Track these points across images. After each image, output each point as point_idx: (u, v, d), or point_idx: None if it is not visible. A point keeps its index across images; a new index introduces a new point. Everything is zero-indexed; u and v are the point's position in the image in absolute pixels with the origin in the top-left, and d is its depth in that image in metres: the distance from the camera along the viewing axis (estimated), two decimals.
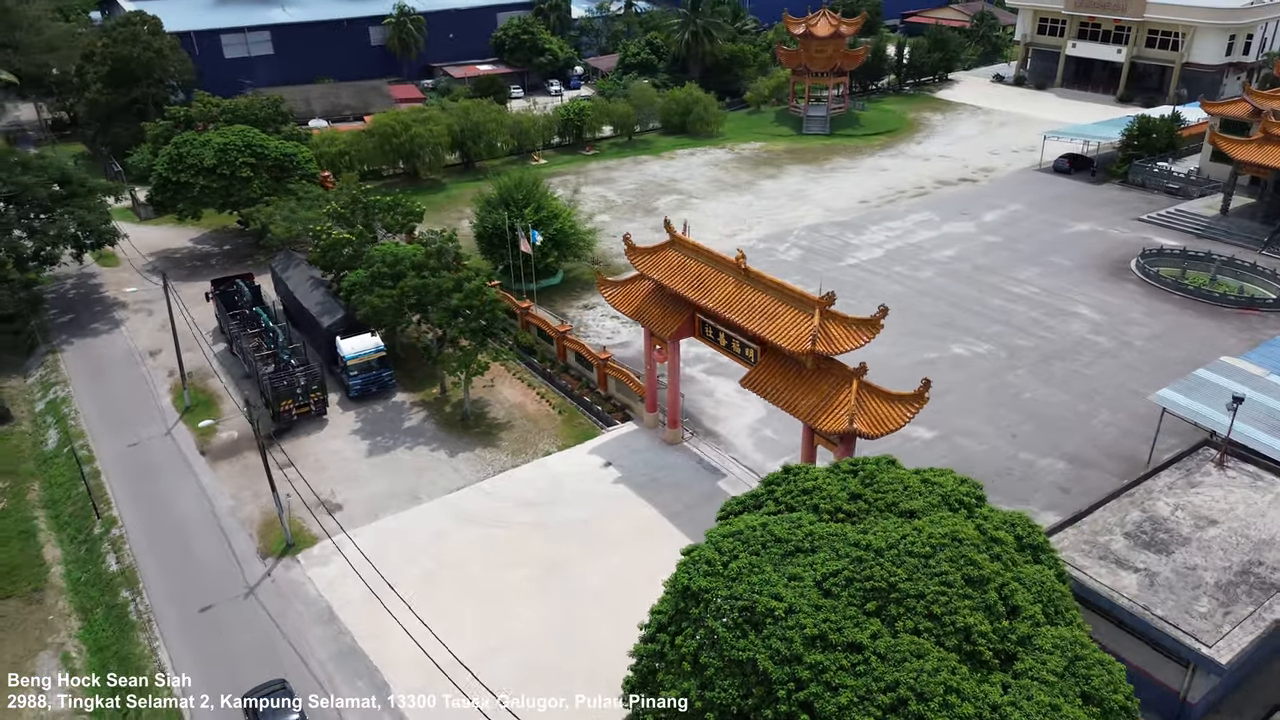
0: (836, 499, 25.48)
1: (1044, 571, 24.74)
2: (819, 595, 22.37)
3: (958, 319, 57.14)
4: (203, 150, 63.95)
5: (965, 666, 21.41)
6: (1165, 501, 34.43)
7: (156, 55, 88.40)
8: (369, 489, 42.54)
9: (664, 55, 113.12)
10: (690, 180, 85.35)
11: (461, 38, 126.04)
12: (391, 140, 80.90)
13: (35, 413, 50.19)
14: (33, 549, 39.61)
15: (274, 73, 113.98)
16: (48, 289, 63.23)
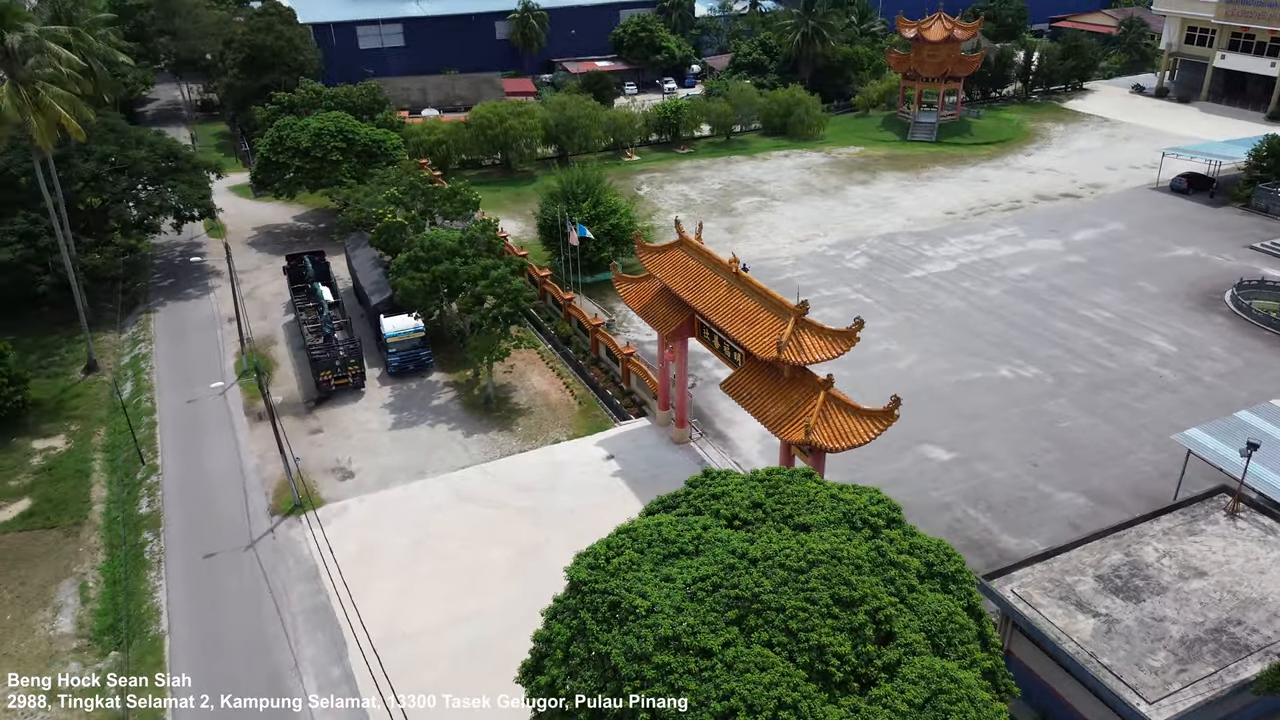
0: (737, 506, 25.40)
1: (946, 601, 23.94)
2: (684, 598, 22.49)
3: (1014, 339, 54.60)
4: (300, 134, 68.51)
5: (813, 685, 21.11)
6: (1155, 547, 32.22)
7: (287, 44, 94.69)
8: (383, 460, 44.85)
9: (776, 55, 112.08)
10: (777, 182, 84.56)
11: (583, 34, 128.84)
12: (487, 132, 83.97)
13: (119, 366, 55.30)
14: (83, 487, 43.92)
15: (403, 63, 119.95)
16: (157, 255, 69.24)
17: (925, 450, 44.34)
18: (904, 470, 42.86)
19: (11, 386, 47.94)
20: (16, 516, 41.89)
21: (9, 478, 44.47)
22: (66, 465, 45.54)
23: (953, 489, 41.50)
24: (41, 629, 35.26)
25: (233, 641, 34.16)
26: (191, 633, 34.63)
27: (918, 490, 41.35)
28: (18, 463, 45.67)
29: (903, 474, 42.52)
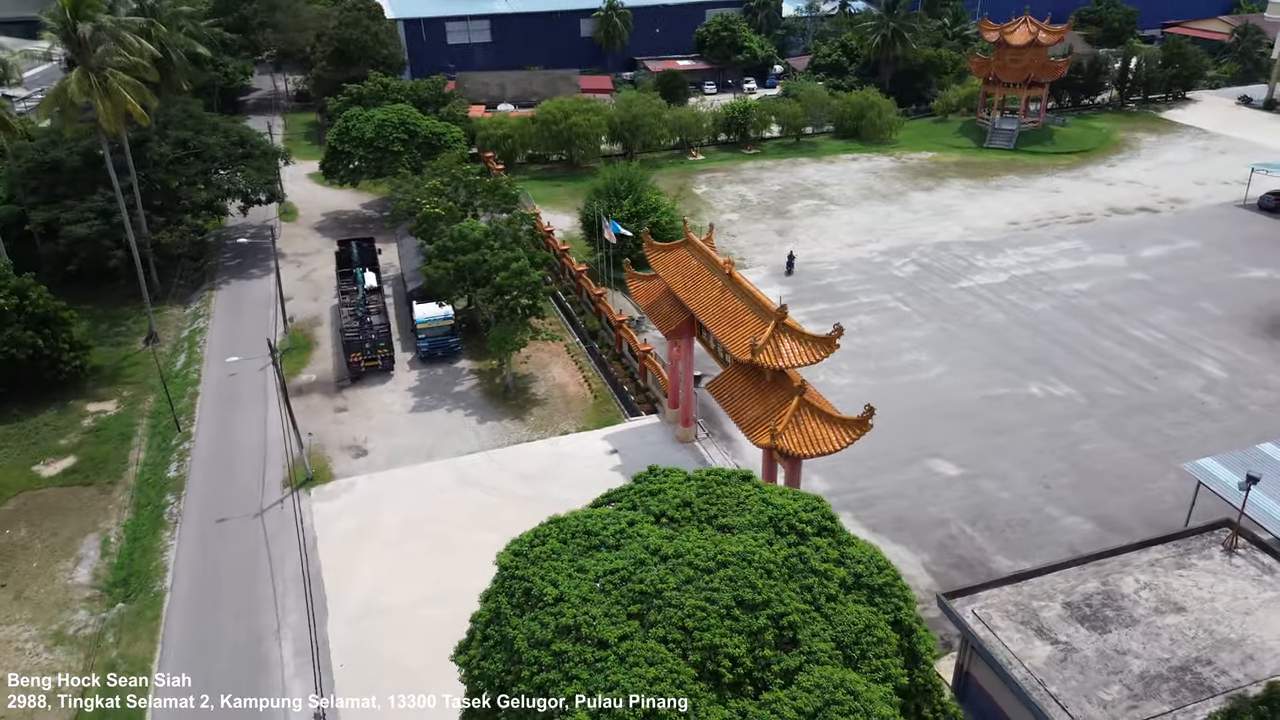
0: (668, 504, 25.61)
1: (866, 613, 23.62)
2: (591, 589, 22.88)
3: (1052, 357, 52.67)
4: (364, 125, 71.26)
5: (702, 684, 21.23)
6: (1136, 577, 30.87)
7: (373, 38, 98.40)
8: (398, 440, 46.50)
9: (856, 57, 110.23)
10: (839, 186, 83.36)
11: (668, 32, 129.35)
12: (551, 127, 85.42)
13: (178, 338, 58.77)
14: (124, 450, 46.98)
15: (489, 59, 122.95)
16: (229, 235, 73.06)
17: (933, 464, 43.34)
18: (906, 482, 42.02)
19: (72, 352, 51.57)
20: (60, 472, 45.18)
21: (60, 436, 47.94)
22: (113, 428, 48.79)
23: (953, 505, 40.47)
24: (61, 577, 38.03)
25: (226, 602, 36.13)
26: (190, 591, 36.79)
27: (915, 504, 40.53)
28: (70, 423, 49.15)
29: (904, 486, 41.70)
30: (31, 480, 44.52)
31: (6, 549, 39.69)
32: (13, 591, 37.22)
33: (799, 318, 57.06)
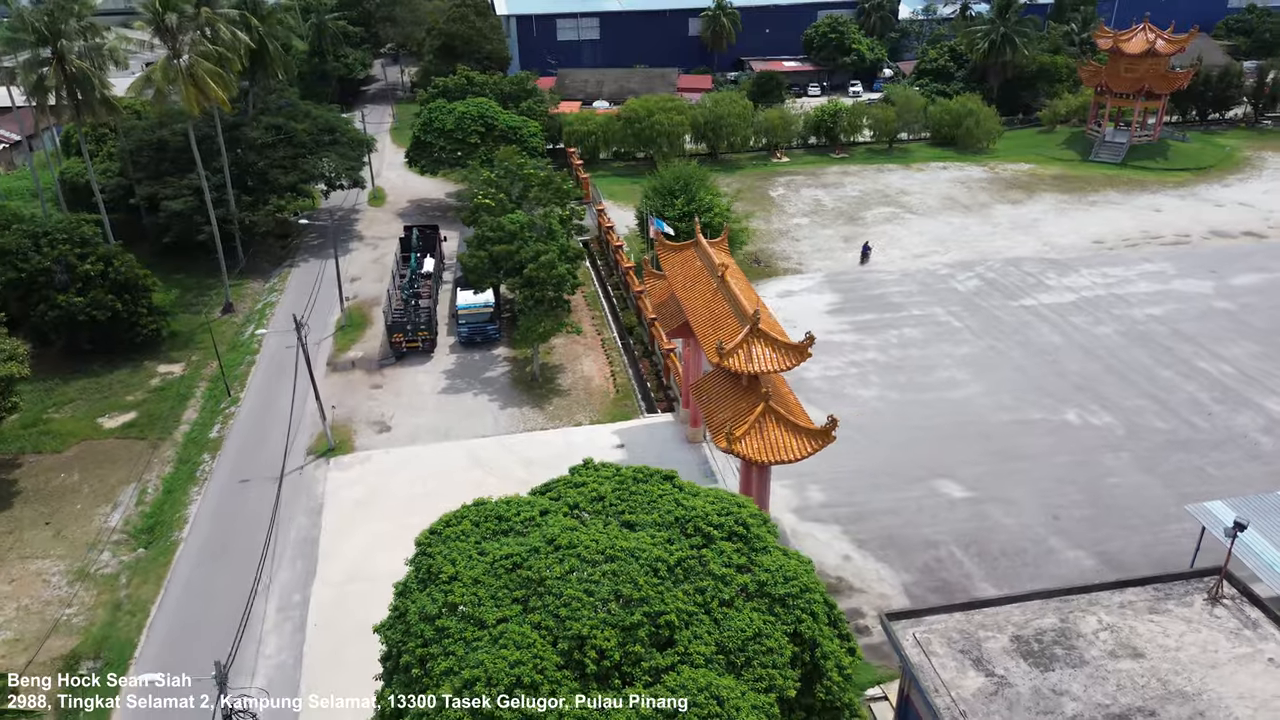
0: (583, 497, 26.18)
1: (760, 621, 23.53)
2: (485, 571, 23.71)
3: (1100, 384, 49.98)
4: (446, 117, 74.13)
5: (566, 672, 21.72)
6: (1100, 618, 29.28)
7: (477, 33, 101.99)
8: (421, 419, 48.52)
9: (964, 63, 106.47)
10: (921, 195, 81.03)
11: (777, 33, 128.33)
12: (634, 125, 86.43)
13: (252, 310, 62.89)
14: (180, 409, 50.81)
15: (597, 56, 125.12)
16: (317, 217, 77.38)
17: (940, 484, 42.02)
18: (906, 500, 40.92)
19: (150, 316, 56.04)
20: (120, 425, 49.30)
21: (128, 393, 52.26)
22: (174, 389, 52.82)
23: (950, 528, 39.16)
24: (98, 520, 41.66)
25: (229, 556, 38.74)
26: (202, 543, 39.64)
27: (910, 523, 39.45)
28: (140, 382, 53.48)
29: (903, 504, 40.63)
30: (94, 430, 48.77)
31: (58, 490, 43.74)
32: (54, 529, 41.04)
33: (842, 326, 56.38)
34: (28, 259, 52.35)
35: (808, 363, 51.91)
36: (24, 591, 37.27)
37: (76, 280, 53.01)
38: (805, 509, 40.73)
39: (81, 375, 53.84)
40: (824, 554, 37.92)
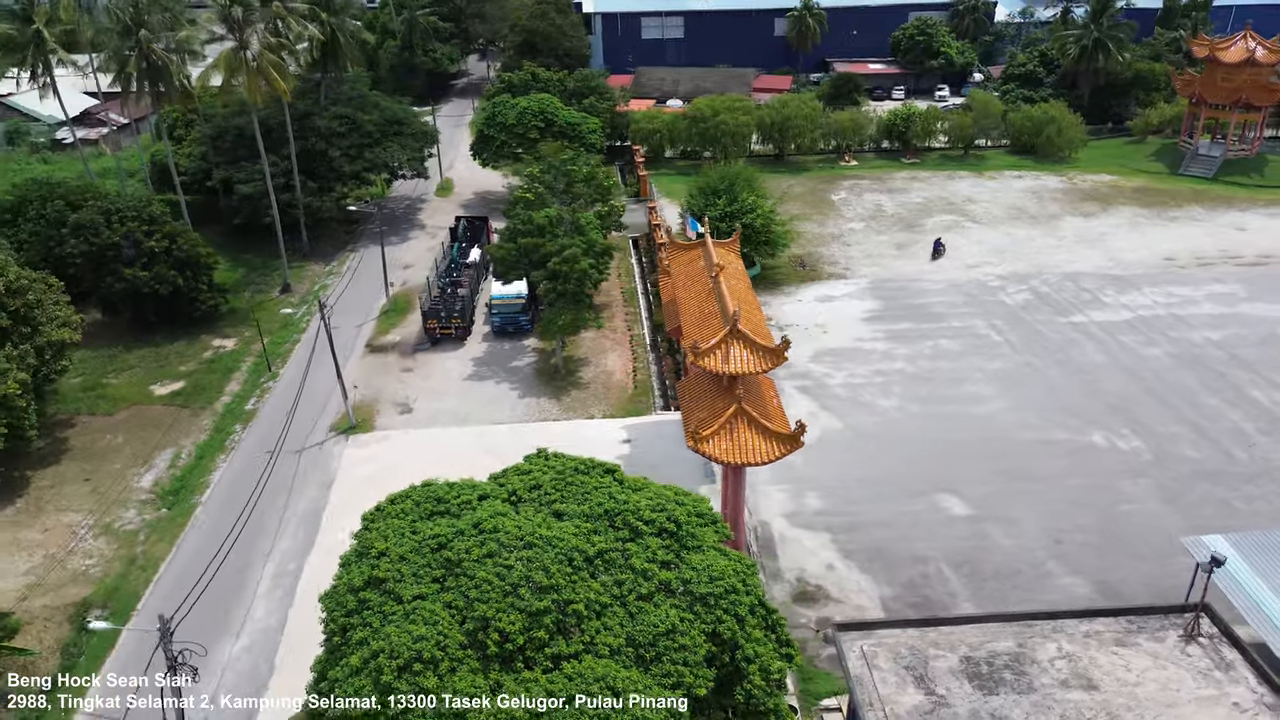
0: (521, 486, 26.79)
1: (677, 619, 23.66)
2: (412, 550, 24.59)
3: (1137, 407, 47.75)
4: (508, 111, 75.83)
5: (470, 652, 22.38)
6: (1061, 646, 28.27)
7: (556, 30, 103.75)
8: (442, 403, 50.03)
9: (1055, 68, 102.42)
10: (987, 204, 78.59)
11: (864, 34, 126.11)
12: (699, 124, 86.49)
13: (308, 291, 65.79)
14: (224, 381, 53.68)
15: (681, 55, 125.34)
16: (385, 205, 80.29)
17: (942, 499, 40.99)
18: (903, 514, 40.07)
19: (209, 292, 59.31)
20: (169, 393, 52.44)
21: (182, 363, 55.51)
22: (224, 362, 55.82)
23: (944, 545, 38.18)
24: (131, 480, 44.54)
25: (240, 522, 40.82)
26: (217, 509, 41.93)
27: (903, 537, 38.64)
28: (194, 354, 56.71)
29: (899, 518, 39.81)
30: (144, 396, 52.02)
31: (102, 450, 46.91)
32: (92, 485, 44.07)
33: (875, 334, 55.52)
34: (99, 233, 56.02)
35: (830, 369, 51.84)
36: (53, 541, 40.22)
37: (142, 255, 56.45)
38: (798, 514, 40.36)
39: (143, 345, 57.41)
40: (807, 562, 37.55)
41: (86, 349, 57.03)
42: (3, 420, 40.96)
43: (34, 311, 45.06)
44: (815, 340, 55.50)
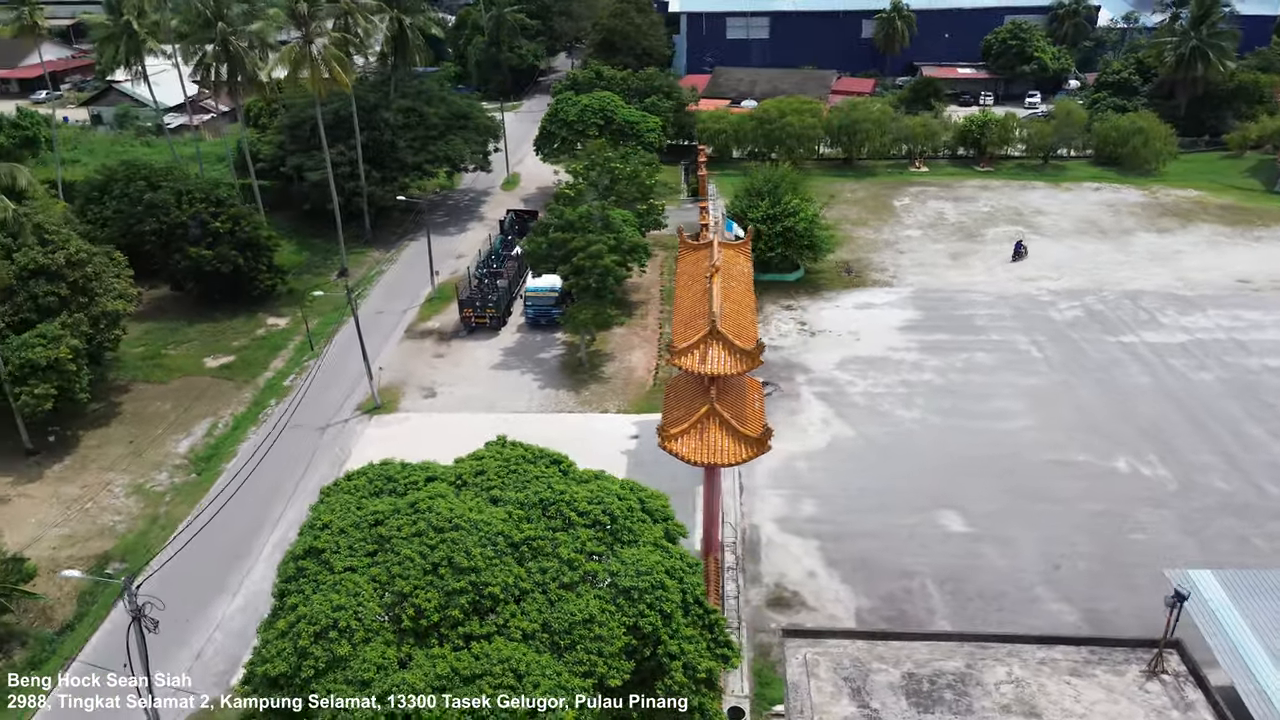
0: (467, 471, 27.63)
1: (597, 608, 24.08)
2: (352, 524, 25.71)
3: (1172, 434, 45.50)
4: (570, 109, 77.10)
5: (384, 624, 23.35)
6: (1013, 671, 27.52)
7: (635, 30, 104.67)
8: (465, 390, 51.50)
9: (1151, 76, 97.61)
10: (1057, 216, 75.69)
11: (956, 38, 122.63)
12: (765, 126, 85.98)
13: (363, 276, 68.46)
14: (270, 358, 56.46)
15: (765, 56, 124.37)
16: (449, 196, 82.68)
17: (942, 515, 40.03)
18: (897, 527, 39.31)
19: (268, 273, 62.43)
20: (219, 366, 55.53)
21: (234, 339, 58.65)
22: (273, 339, 58.72)
23: (933, 561, 37.30)
24: (170, 446, 47.46)
25: (256, 492, 43.04)
26: (237, 480, 44.20)
27: (892, 550, 37.93)
28: (248, 330, 59.83)
29: (892, 530, 39.09)
30: (197, 368, 55.23)
31: (150, 416, 50.10)
32: (135, 448, 47.15)
33: (908, 344, 54.56)
34: (169, 213, 59.68)
35: (854, 377, 51.19)
36: (90, 496, 43.27)
37: (207, 235, 59.84)
38: (789, 520, 40.08)
39: (204, 320, 60.86)
40: (790, 568, 37.30)
41: (152, 321, 61.04)
42: (54, 382, 44.34)
43: (92, 283, 48.40)
44: (845, 347, 54.76)
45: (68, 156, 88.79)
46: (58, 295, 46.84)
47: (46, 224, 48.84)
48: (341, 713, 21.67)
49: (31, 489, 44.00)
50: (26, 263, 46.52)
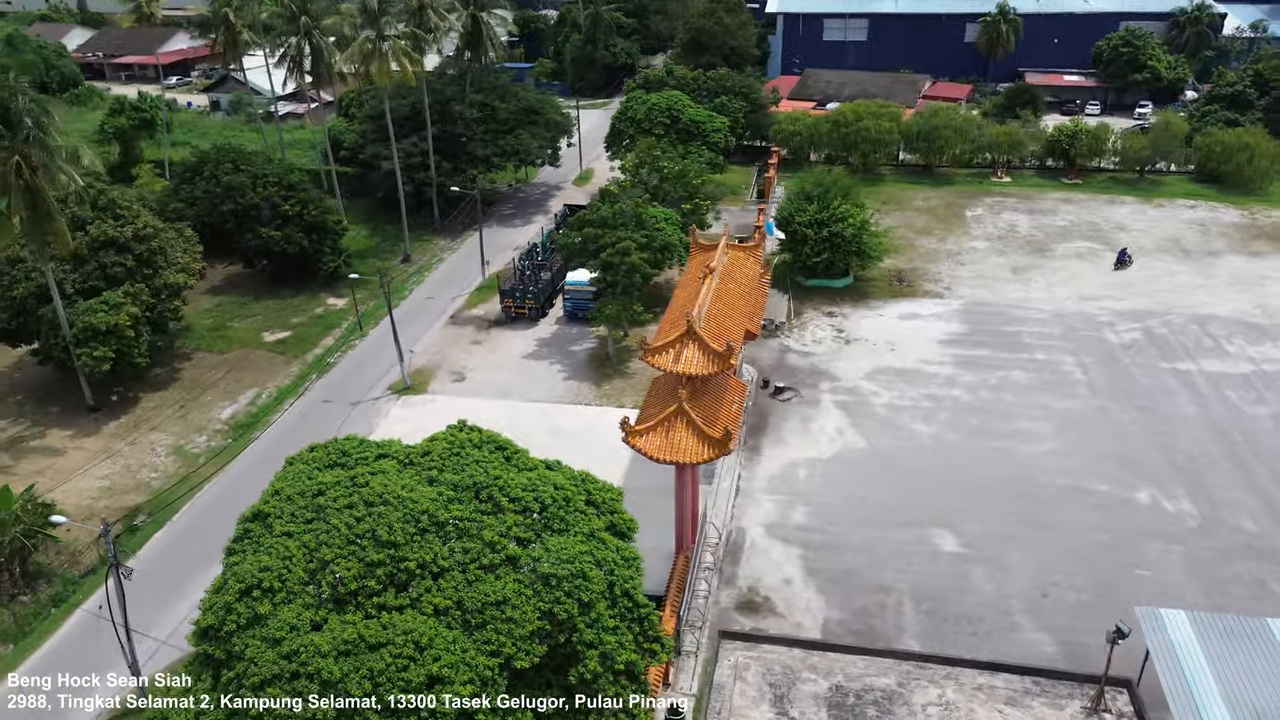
0: (418, 451, 28.76)
1: (512, 589, 24.81)
2: (297, 493, 27.24)
3: (1208, 469, 42.92)
4: (638, 108, 77.92)
5: (306, 587, 24.70)
6: (943, 693, 26.89)
7: (723, 30, 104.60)
8: (493, 376, 53.05)
9: (1270, 90, 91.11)
10: (1138, 233, 71.88)
11: (1065, 44, 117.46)
12: (841, 129, 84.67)
13: (426, 263, 71.07)
14: (322, 335, 59.43)
15: (862, 59, 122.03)
16: (520, 190, 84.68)
17: (936, 534, 39.00)
18: (887, 542, 38.54)
19: (331, 255, 65.66)
20: (275, 340, 58.86)
21: (294, 316, 61.99)
22: (329, 319, 61.78)
23: (915, 580, 36.42)
24: (215, 412, 50.71)
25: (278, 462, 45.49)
26: (267, 446, 46.95)
27: (875, 565, 37.23)
28: (308, 308, 63.13)
29: (880, 545, 38.35)
30: (256, 341, 58.69)
31: (204, 383, 53.61)
32: (184, 412, 50.63)
33: (945, 358, 53.42)
34: (244, 195, 63.55)
35: (880, 388, 50.39)
36: (134, 453, 46.76)
37: (277, 218, 63.46)
38: (778, 526, 39.82)
39: (271, 297, 64.54)
40: (768, 573, 37.08)
41: (225, 295, 65.17)
42: (113, 346, 48.04)
43: (156, 256, 52.14)
44: (878, 357, 53.73)
45: (182, 139, 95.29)
46: (124, 266, 50.67)
47: (119, 200, 52.82)
48: (252, 665, 23.13)
49: (87, 442, 47.82)
50: (98, 234, 50.51)
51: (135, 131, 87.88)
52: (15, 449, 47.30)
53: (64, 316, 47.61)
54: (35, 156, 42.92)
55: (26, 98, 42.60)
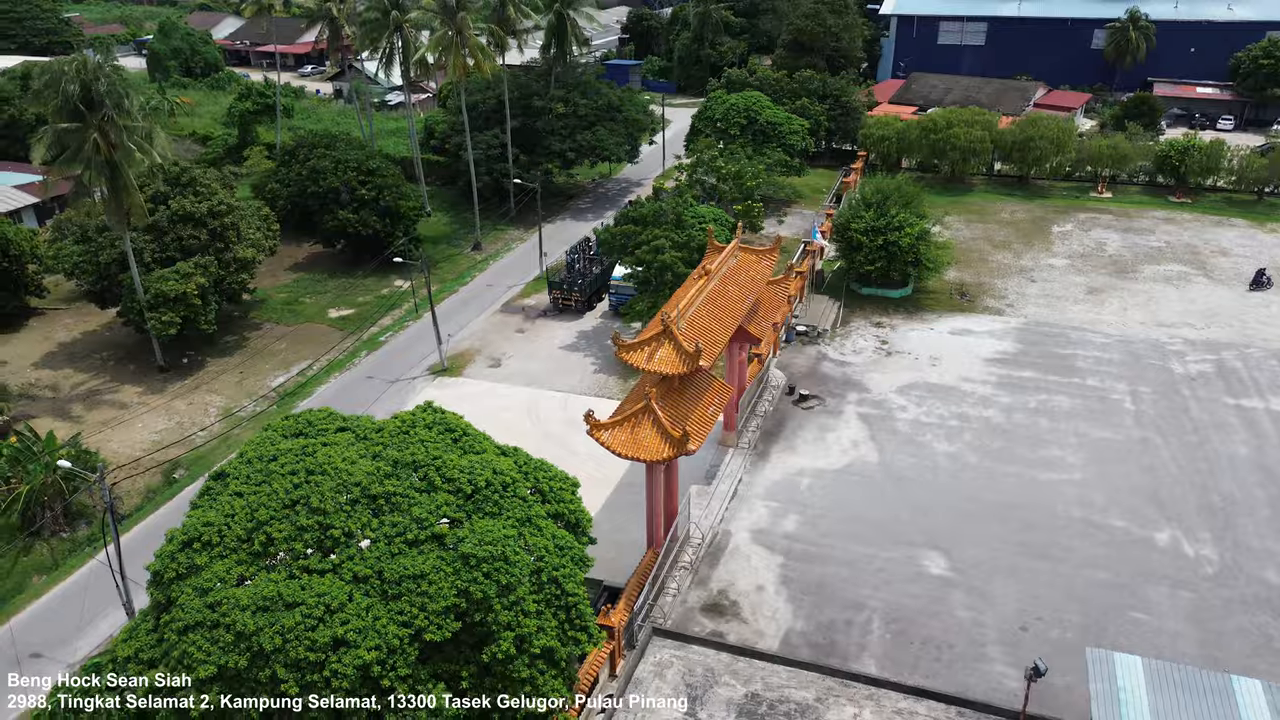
0: (373, 427, 30.18)
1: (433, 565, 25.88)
2: (258, 458, 29.06)
3: (1244, 514, 39.84)
4: (717, 108, 77.91)
5: (244, 544, 26.44)
6: (858, 712, 26.42)
7: (826, 32, 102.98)
8: (527, 364, 54.47)
9: None
10: (1238, 259, 66.85)
11: (1201, 54, 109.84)
12: (930, 135, 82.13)
13: (493, 251, 73.36)
14: (381, 314, 62.32)
15: (978, 63, 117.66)
16: (601, 185, 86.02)
17: (924, 555, 37.82)
18: (872, 558, 37.65)
19: (404, 238, 68.69)
20: (339, 317, 62.20)
21: (361, 295, 65.27)
22: (391, 299, 64.75)
23: (892, 601, 35.45)
24: (267, 380, 54.13)
25: None
26: None
27: (855, 583, 36.44)
28: (375, 289, 66.32)
29: (864, 562, 37.49)
30: (321, 316, 62.20)
31: (266, 352, 57.28)
32: (241, 377, 54.29)
33: (987, 377, 51.92)
34: (325, 179, 67.28)
35: (908, 403, 49.30)
36: (189, 412, 50.55)
37: (355, 201, 66.91)
38: (765, 532, 39.49)
39: (344, 276, 68.15)
40: (743, 578, 36.87)
41: (304, 272, 69.23)
42: (180, 312, 52.02)
43: (229, 231, 56.01)
44: (917, 371, 52.20)
45: (300, 124, 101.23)
46: (199, 239, 54.73)
47: (200, 179, 56.97)
48: (180, 611, 25.04)
49: (151, 399, 52.00)
50: (177, 209, 54.71)
51: (254, 116, 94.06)
52: (89, 400, 51.92)
53: (140, 282, 51.87)
54: (113, 134, 46.94)
55: (107, 80, 46.56)
